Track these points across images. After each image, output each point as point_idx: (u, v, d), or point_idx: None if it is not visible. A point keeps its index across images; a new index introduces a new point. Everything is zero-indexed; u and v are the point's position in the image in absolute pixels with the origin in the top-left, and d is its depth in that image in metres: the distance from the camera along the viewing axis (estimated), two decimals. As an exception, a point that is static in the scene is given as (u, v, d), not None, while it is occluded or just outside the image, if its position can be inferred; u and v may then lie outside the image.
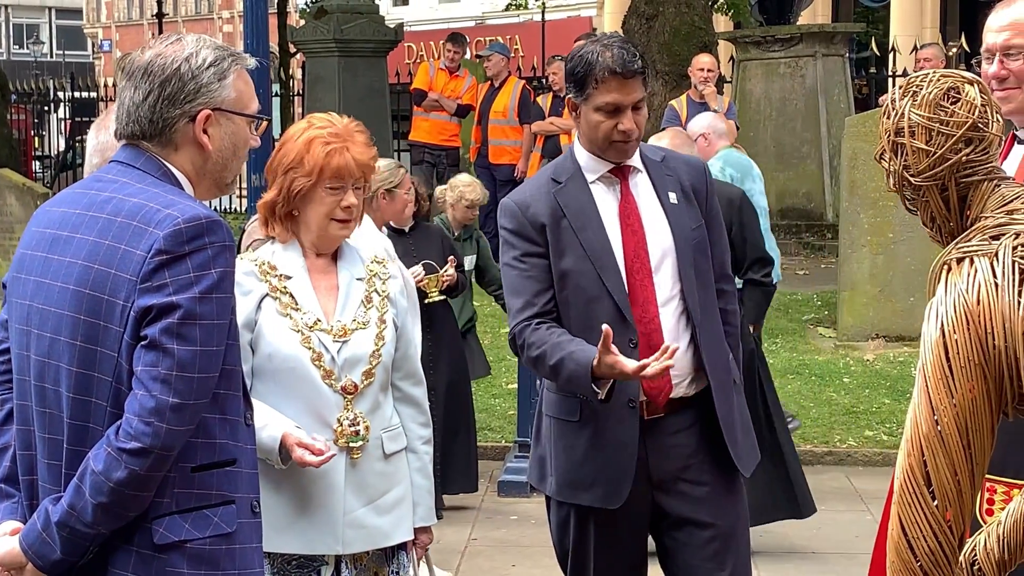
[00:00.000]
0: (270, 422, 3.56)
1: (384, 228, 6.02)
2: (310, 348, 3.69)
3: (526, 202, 4.01)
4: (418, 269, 6.49)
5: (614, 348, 3.69)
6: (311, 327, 3.71)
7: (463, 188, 7.64)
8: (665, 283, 3.96)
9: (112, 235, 2.67)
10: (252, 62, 2.91)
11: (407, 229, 6.75)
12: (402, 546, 3.87)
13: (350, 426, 3.71)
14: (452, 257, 6.74)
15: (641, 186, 4.03)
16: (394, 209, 6.33)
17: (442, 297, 6.78)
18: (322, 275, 3.81)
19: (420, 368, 3.98)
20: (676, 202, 4.00)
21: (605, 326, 3.71)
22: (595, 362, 3.72)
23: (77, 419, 2.69)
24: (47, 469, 2.76)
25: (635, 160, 4.04)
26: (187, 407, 2.63)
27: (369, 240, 6.07)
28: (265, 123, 2.92)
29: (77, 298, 2.68)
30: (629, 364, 3.69)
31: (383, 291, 3.84)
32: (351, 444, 3.71)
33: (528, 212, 3.98)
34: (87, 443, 2.68)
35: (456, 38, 15.01)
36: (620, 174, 4.03)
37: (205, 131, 2.78)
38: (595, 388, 3.77)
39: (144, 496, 2.65)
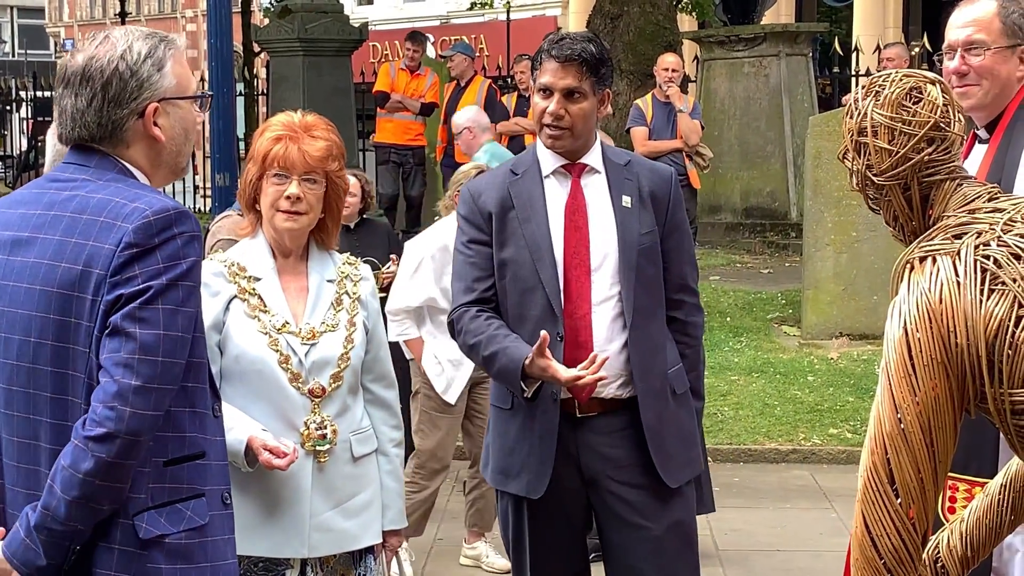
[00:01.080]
0: (236, 425, 3.53)
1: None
2: (277, 351, 3.67)
3: (479, 190, 4.10)
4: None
5: (548, 353, 3.77)
6: (279, 329, 3.69)
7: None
8: (603, 283, 3.98)
9: (78, 232, 2.65)
10: (182, 42, 2.90)
11: (352, 225, 6.75)
12: (370, 549, 3.85)
13: (317, 429, 3.69)
14: (394, 256, 6.73)
15: (595, 186, 4.06)
16: None
17: (383, 295, 6.74)
18: (292, 277, 3.79)
19: (391, 370, 3.96)
20: (629, 206, 4.02)
21: (544, 332, 3.79)
22: (527, 361, 3.80)
23: (57, 418, 2.67)
24: (16, 472, 2.74)
25: (593, 159, 4.07)
26: (151, 391, 2.59)
27: (434, 236, 6.36)
28: (209, 98, 2.90)
29: (46, 298, 2.65)
30: (562, 371, 3.77)
31: (354, 293, 3.82)
32: (318, 448, 3.69)
33: (479, 200, 4.07)
34: (48, 439, 2.67)
35: (415, 37, 14.98)
36: (573, 171, 4.06)
37: (156, 123, 2.75)
38: (523, 386, 3.86)
39: (116, 488, 2.61)
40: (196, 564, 2.74)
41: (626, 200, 4.02)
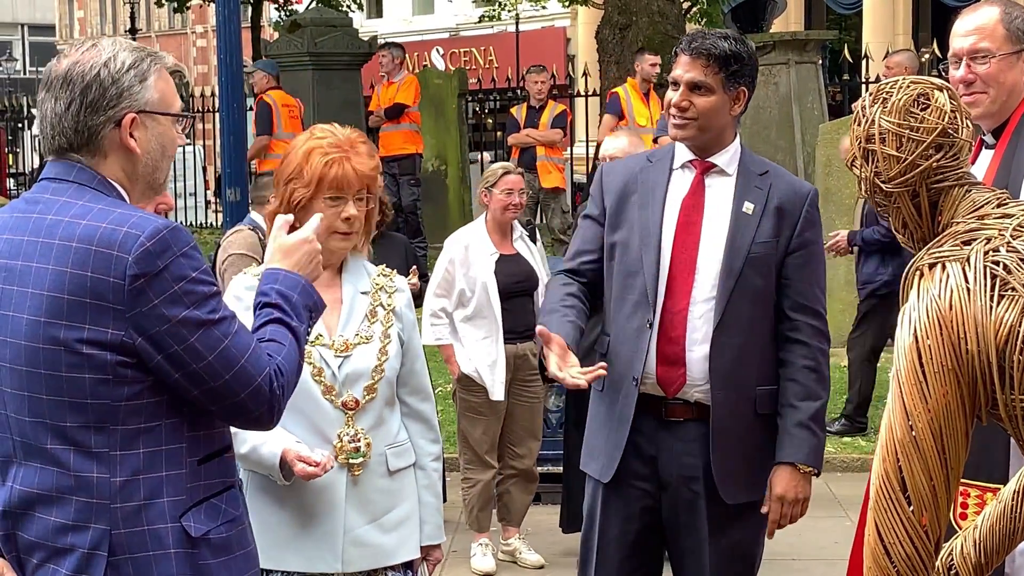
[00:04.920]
0: (270, 438, 3.50)
1: None
2: (311, 363, 3.61)
3: (611, 171, 4.21)
4: None
5: (556, 348, 3.77)
6: (312, 342, 3.62)
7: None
8: (706, 283, 3.95)
9: (72, 262, 2.61)
10: (171, 60, 2.87)
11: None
12: (408, 565, 3.79)
13: (350, 442, 3.64)
14: (415, 267, 6.79)
15: (720, 187, 4.03)
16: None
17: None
18: (326, 289, 3.70)
19: (428, 383, 3.91)
20: (749, 213, 3.98)
21: (539, 327, 3.87)
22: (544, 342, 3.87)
23: (69, 444, 2.65)
24: (17, 495, 2.72)
25: (724, 161, 4.05)
26: (264, 390, 2.74)
27: (461, 235, 6.60)
28: (188, 121, 2.88)
29: (50, 330, 2.61)
30: (552, 364, 3.77)
31: (389, 305, 3.77)
32: (351, 460, 3.64)
33: (607, 179, 4.16)
34: (79, 467, 2.65)
35: (388, 46, 15.01)
36: (699, 167, 4.06)
37: (132, 135, 2.71)
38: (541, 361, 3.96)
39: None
40: (234, 554, 2.78)
41: (747, 207, 3.98)
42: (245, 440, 3.51)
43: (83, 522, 2.66)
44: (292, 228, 3.70)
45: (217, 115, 11.22)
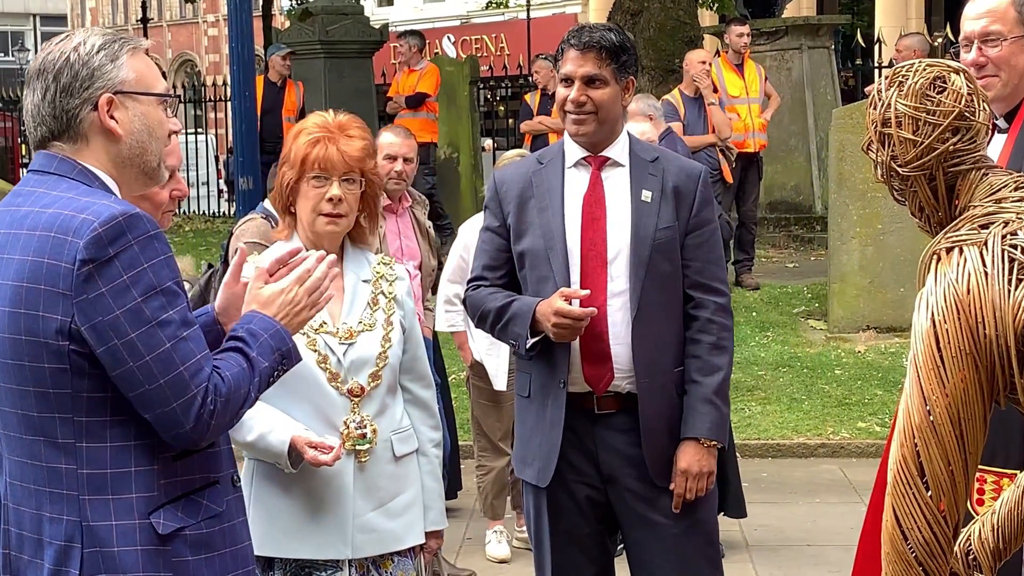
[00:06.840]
0: (277, 426, 3.53)
1: None
2: (316, 351, 3.64)
3: (504, 179, 4.16)
4: None
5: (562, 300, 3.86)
6: (316, 330, 3.65)
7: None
8: (618, 276, 3.99)
9: (34, 250, 2.60)
10: (147, 43, 2.84)
11: None
12: (409, 550, 3.81)
13: (357, 429, 3.66)
14: None
15: (616, 179, 4.06)
16: None
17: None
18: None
19: (429, 370, 3.94)
20: (648, 200, 4.01)
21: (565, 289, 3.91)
22: (540, 303, 3.91)
23: (39, 435, 2.65)
24: (8, 487, 2.73)
25: (616, 152, 4.07)
26: (182, 404, 2.64)
27: (475, 224, 6.29)
28: (173, 101, 2.84)
29: (14, 319, 2.61)
30: (561, 303, 3.85)
31: (390, 292, 3.80)
32: (358, 447, 3.67)
33: (503, 188, 4.14)
34: (49, 458, 2.64)
35: (408, 34, 14.99)
36: (594, 163, 4.06)
37: (112, 116, 2.70)
38: (528, 334, 3.94)
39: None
40: (219, 551, 2.76)
41: (646, 195, 4.02)
42: (252, 428, 3.54)
43: (57, 514, 2.66)
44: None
45: (229, 104, 11.23)
